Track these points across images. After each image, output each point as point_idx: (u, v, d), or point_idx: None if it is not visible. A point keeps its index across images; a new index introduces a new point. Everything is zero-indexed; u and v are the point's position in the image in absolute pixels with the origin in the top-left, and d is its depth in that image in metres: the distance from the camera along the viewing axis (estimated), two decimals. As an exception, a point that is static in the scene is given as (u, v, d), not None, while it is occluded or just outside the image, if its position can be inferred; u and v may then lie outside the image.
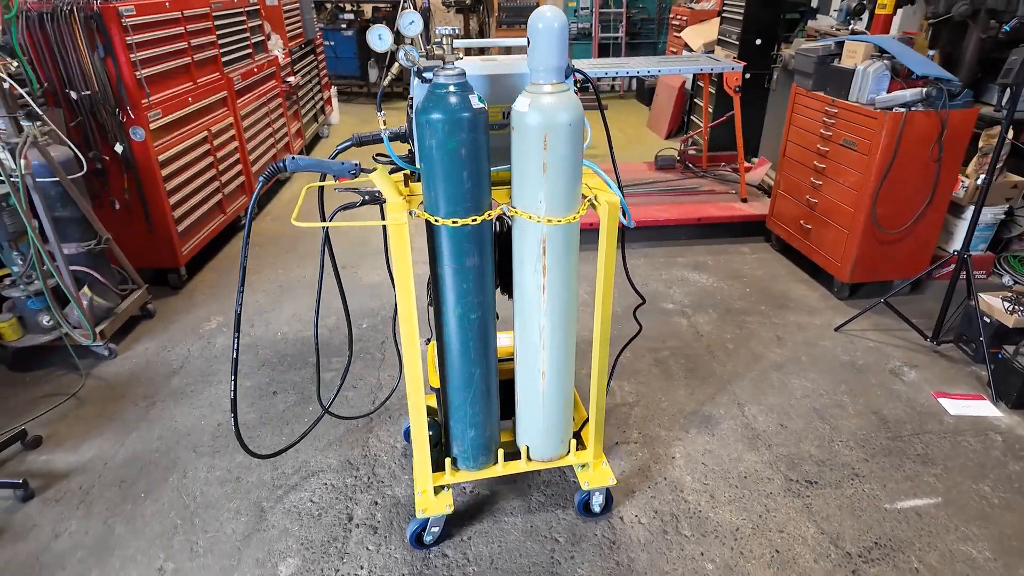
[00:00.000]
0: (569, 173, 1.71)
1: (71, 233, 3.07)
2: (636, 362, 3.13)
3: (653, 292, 3.78)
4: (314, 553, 2.13)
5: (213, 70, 4.23)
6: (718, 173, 5.12)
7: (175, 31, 3.70)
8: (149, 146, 3.44)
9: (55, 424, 2.74)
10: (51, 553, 2.14)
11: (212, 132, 4.13)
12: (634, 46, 9.11)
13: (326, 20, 8.76)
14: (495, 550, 2.14)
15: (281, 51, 5.60)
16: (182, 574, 2.06)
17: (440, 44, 1.64)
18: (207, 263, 4.18)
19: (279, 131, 5.45)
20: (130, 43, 3.26)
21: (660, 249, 4.34)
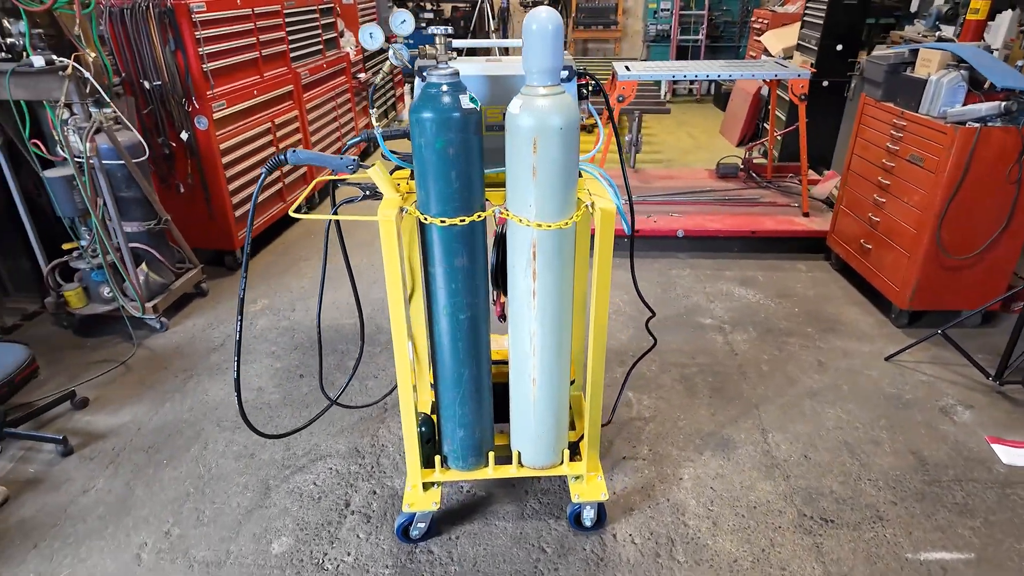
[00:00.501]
0: (560, 177, 1.67)
1: (133, 213, 3.31)
2: (660, 376, 3.02)
3: (692, 305, 3.64)
4: (307, 535, 2.20)
5: (281, 65, 4.44)
6: (783, 185, 4.86)
7: (243, 27, 3.91)
8: (212, 134, 3.66)
9: (103, 388, 2.96)
10: (77, 506, 2.32)
11: (276, 124, 4.34)
12: (714, 49, 8.80)
13: (407, 18, 8.99)
14: (480, 552, 2.13)
15: (353, 48, 5.81)
16: (185, 540, 2.18)
17: (433, 43, 1.64)
18: (264, 247, 4.40)
19: (346, 124, 5.66)
20: (198, 37, 3.48)
21: (708, 261, 4.17)
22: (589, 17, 9.16)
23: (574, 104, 1.67)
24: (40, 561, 2.11)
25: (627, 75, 4.09)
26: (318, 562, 2.10)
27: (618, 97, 4.13)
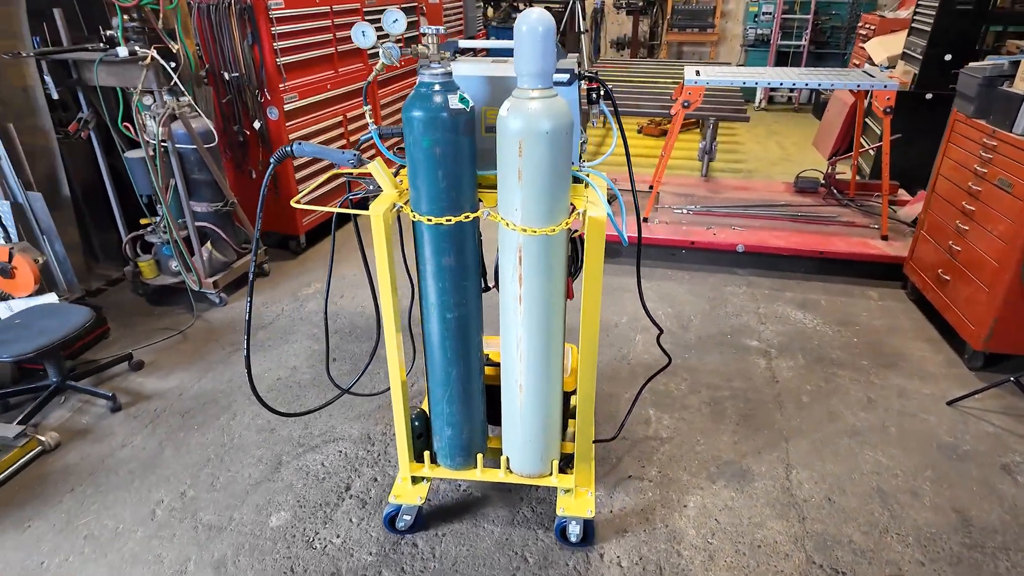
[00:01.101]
0: (547, 182, 1.63)
1: (203, 194, 3.57)
2: (687, 396, 2.89)
3: (740, 325, 3.44)
4: (304, 512, 2.29)
5: (357, 60, 4.63)
6: (866, 204, 4.49)
7: (320, 24, 4.11)
8: (282, 125, 3.88)
9: (159, 353, 3.22)
10: (114, 459, 2.54)
11: (348, 117, 4.53)
12: (818, 56, 8.26)
13: (499, 18, 9.11)
14: (462, 553, 2.13)
15: (434, 46, 5.94)
16: (196, 503, 2.33)
17: (426, 43, 1.65)
18: (327, 236, 4.61)
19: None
20: (274, 33, 3.70)
21: (769, 280, 3.93)
22: (685, 19, 8.87)
23: (567, 108, 1.63)
24: (73, 503, 2.32)
25: (695, 80, 3.93)
26: (308, 540, 2.18)
27: (683, 103, 3.98)
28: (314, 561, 2.10)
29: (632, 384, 2.96)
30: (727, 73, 4.03)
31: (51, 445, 2.57)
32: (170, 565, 2.08)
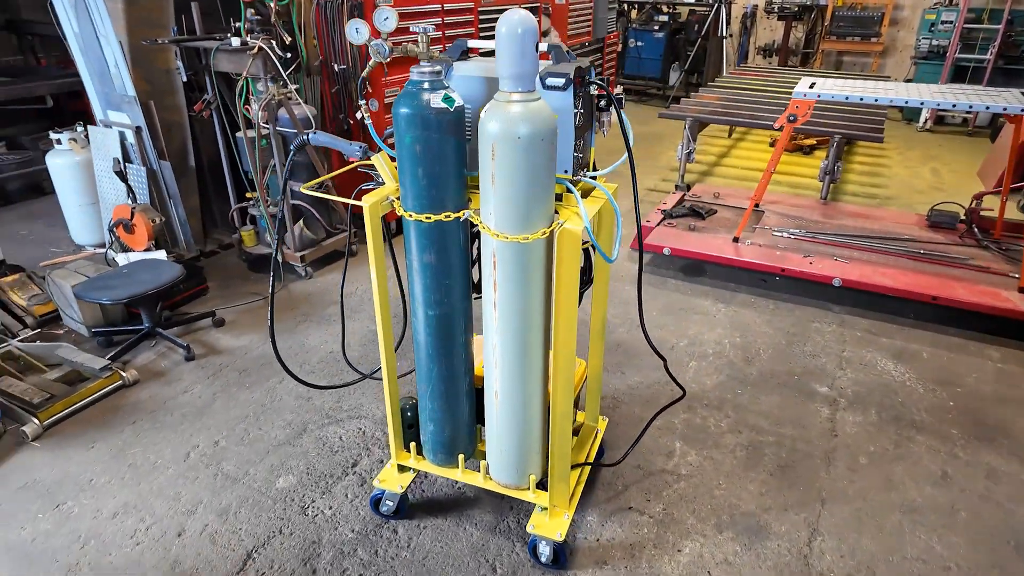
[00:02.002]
0: (522, 188, 1.59)
1: (300, 175, 3.88)
2: (724, 434, 2.66)
3: (814, 367, 3.09)
4: (309, 480, 2.43)
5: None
6: (1013, 248, 3.82)
7: (428, 22, 4.27)
8: (381, 117, 4.10)
9: (241, 314, 3.57)
10: (175, 402, 2.86)
11: (449, 112, 4.68)
12: (1007, 73, 7.12)
13: (640, 20, 8.89)
14: (436, 549, 2.14)
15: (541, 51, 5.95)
16: (224, 453, 2.56)
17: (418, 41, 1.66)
18: (419, 223, 4.80)
19: (532, 120, 5.85)
20: (380, 29, 3.91)
21: (866, 321, 3.49)
22: (847, 27, 8.06)
23: (548, 114, 1.57)
24: (131, 435, 2.66)
25: (804, 93, 3.57)
26: (304, 506, 2.31)
27: (789, 117, 3.64)
28: (301, 527, 2.22)
29: (669, 411, 2.78)
30: (845, 87, 3.62)
31: (130, 381, 2.95)
32: (184, 504, 2.31)
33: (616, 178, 5.31)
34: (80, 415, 2.76)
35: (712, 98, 5.57)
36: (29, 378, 2.85)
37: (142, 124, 3.76)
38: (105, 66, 3.71)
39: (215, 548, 2.14)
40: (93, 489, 2.38)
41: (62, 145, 4.02)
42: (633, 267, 4.17)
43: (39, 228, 4.72)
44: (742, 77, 6.60)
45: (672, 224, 4.26)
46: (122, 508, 2.29)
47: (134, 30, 3.56)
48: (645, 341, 3.27)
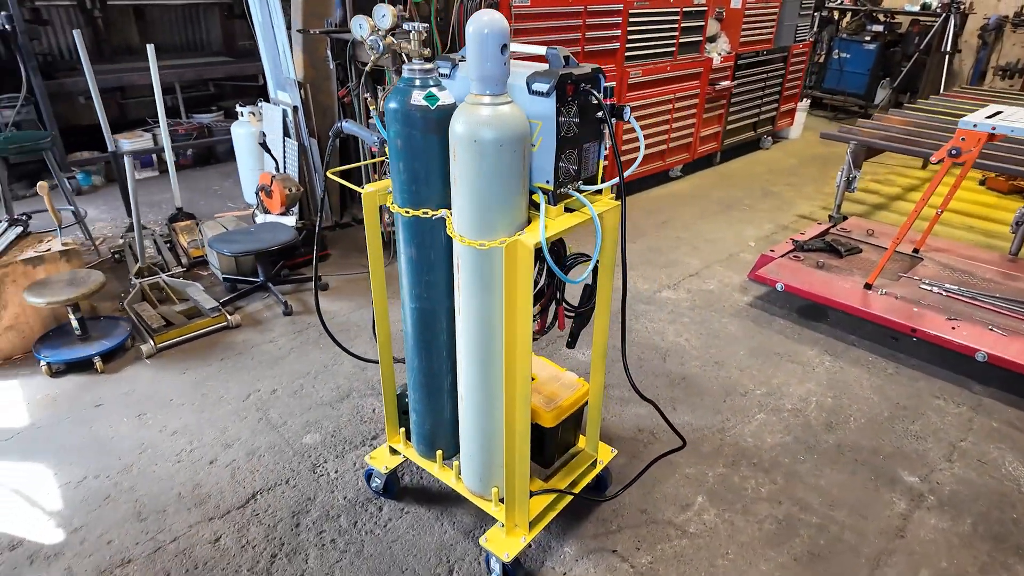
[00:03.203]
0: (481, 193, 1.55)
1: (420, 162, 4.12)
2: (758, 503, 2.33)
3: (912, 452, 2.58)
4: (330, 442, 2.61)
5: (608, 61, 4.66)
6: None
7: (568, 23, 4.26)
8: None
9: (346, 283, 3.91)
10: (259, 349, 3.25)
11: (582, 114, 4.63)
12: None
13: (850, 29, 7.92)
14: (407, 537, 2.19)
15: (720, 54, 5.57)
16: (275, 401, 2.85)
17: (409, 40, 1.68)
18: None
19: (683, 130, 5.55)
20: (514, 29, 3.99)
21: (1012, 411, 2.80)
22: None
23: (517, 119, 1.51)
24: (215, 369, 3.07)
25: (976, 123, 2.95)
26: (315, 465, 2.50)
27: (951, 150, 3.03)
28: (304, 482, 2.41)
29: (705, 461, 2.52)
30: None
31: (232, 324, 3.40)
32: (226, 437, 2.63)
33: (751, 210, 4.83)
34: (186, 344, 3.25)
35: (899, 121, 4.80)
36: (161, 307, 3.42)
37: (299, 104, 4.28)
38: (276, 51, 4.28)
39: (231, 482, 2.41)
40: (169, 408, 2.80)
41: (243, 117, 4.72)
42: (743, 298, 3.80)
43: (228, 186, 5.60)
44: (958, 100, 5.58)
45: (798, 257, 3.79)
46: (181, 429, 2.67)
47: (307, 19, 4.05)
48: (716, 381, 2.99)
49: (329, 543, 2.16)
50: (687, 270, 4.15)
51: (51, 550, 2.11)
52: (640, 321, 3.52)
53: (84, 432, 2.64)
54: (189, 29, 6.74)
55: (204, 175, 5.92)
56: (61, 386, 2.92)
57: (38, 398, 2.84)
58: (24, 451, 2.54)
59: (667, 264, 4.22)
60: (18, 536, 2.16)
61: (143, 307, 3.38)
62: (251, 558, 2.10)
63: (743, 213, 5.12)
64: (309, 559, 2.10)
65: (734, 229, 4.81)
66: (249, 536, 2.18)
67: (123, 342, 3.16)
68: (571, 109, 1.62)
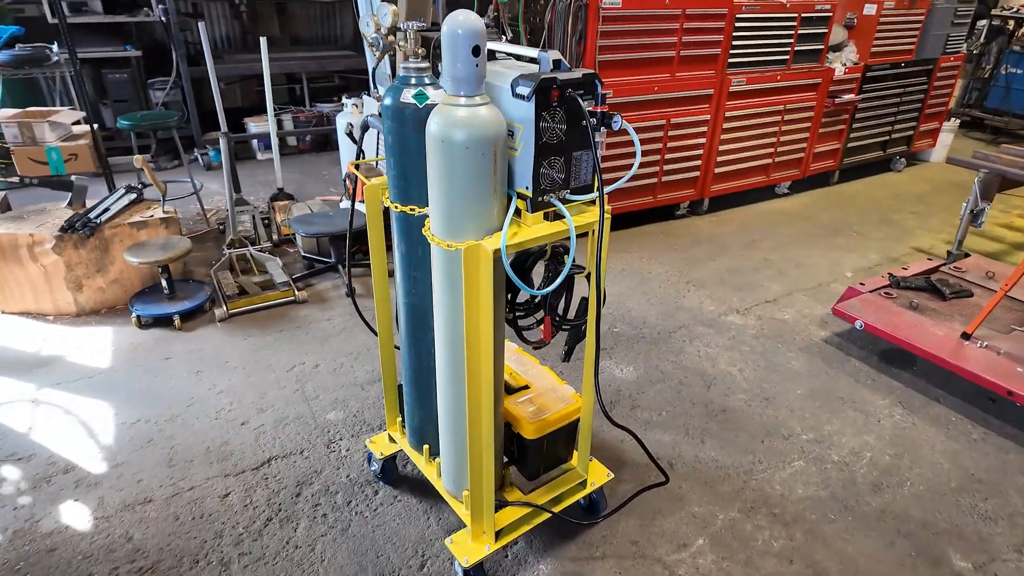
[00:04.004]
0: (448, 193, 1.55)
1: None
2: (765, 557, 2.12)
3: (969, 532, 2.22)
4: (351, 420, 2.73)
5: (707, 67, 4.42)
6: None
7: (662, 26, 4.09)
8: (586, 116, 4.12)
9: (409, 272, 4.05)
10: (316, 325, 3.45)
11: (672, 123, 4.44)
12: None
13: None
14: (391, 525, 2.23)
15: (844, 64, 5.08)
16: (315, 376, 3.02)
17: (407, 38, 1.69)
18: (616, 229, 4.70)
19: (793, 144, 5.14)
20: (600, 30, 3.91)
21: (1123, 507, 2.32)
22: None
23: (488, 122, 1.49)
24: (273, 339, 3.31)
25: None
26: (330, 440, 2.62)
27: (1082, 187, 2.55)
28: (315, 455, 2.53)
29: (719, 501, 2.33)
30: None
31: (299, 299, 3.65)
32: (262, 403, 2.82)
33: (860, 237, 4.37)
34: (254, 313, 3.53)
35: None
36: (242, 277, 3.74)
37: (391, 98, 4.48)
38: (377, 47, 4.51)
39: (254, 444, 2.59)
40: (223, 369, 3.06)
41: (347, 108, 5.02)
42: (819, 333, 3.46)
43: (335, 172, 5.99)
44: None
45: (890, 295, 3.38)
46: (227, 389, 2.91)
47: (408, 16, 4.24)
48: (760, 418, 2.76)
49: (320, 517, 2.26)
50: (764, 295, 3.84)
51: (93, 479, 2.40)
52: (694, 344, 3.32)
53: (149, 380, 2.96)
54: (325, 24, 7.27)
55: (318, 160, 6.38)
56: (144, 337, 3.30)
57: (123, 345, 3.23)
58: (100, 389, 2.90)
59: (743, 286, 3.94)
60: (74, 462, 2.48)
61: (225, 275, 3.72)
62: (249, 518, 2.25)
63: (849, 240, 4.65)
64: (298, 529, 2.21)
65: (832, 256, 4.38)
66: (254, 497, 2.33)
67: (202, 304, 3.50)
68: (556, 115, 1.57)
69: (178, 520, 2.23)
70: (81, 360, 3.10)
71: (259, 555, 2.11)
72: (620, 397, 2.90)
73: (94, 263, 3.42)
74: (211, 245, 4.33)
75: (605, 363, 3.14)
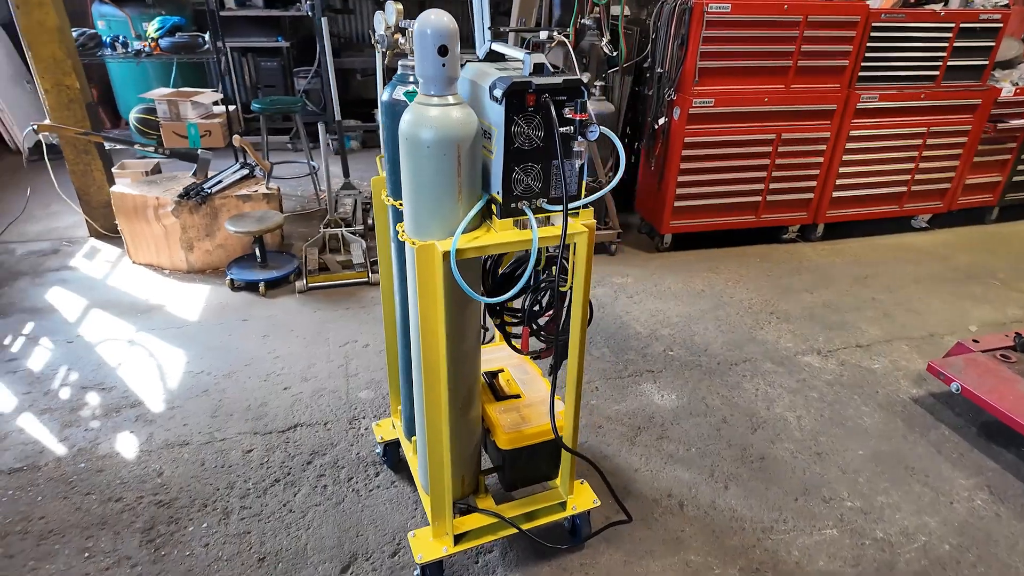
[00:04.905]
0: (414, 191, 1.56)
1: (581, 165, 4.09)
2: (751, 624, 1.90)
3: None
4: (379, 402, 2.83)
5: (830, 80, 4.00)
6: None
7: (776, 33, 3.76)
8: (681, 127, 3.92)
9: (482, 268, 4.11)
10: (378, 306, 3.62)
11: (782, 138, 4.08)
12: None
13: None
14: (379, 507, 2.29)
15: (1016, 84, 4.34)
16: (362, 354, 3.17)
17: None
18: (702, 246, 4.41)
19: (936, 172, 4.50)
20: (703, 35, 3.68)
21: None
22: None
23: (458, 123, 1.48)
24: (338, 316, 3.53)
25: None
26: (353, 418, 2.75)
27: None
28: (337, 429, 2.67)
29: (720, 554, 2.12)
30: None
31: (372, 281, 3.85)
32: (308, 372, 3.02)
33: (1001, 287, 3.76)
34: (330, 289, 3.79)
35: None
36: (328, 255, 4.02)
37: (491, 96, 4.56)
38: (484, 46, 4.61)
39: (288, 410, 2.79)
40: (287, 337, 3.32)
41: (455, 103, 5.19)
42: (911, 391, 3.02)
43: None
44: None
45: (1008, 357, 2.86)
46: (283, 355, 3.16)
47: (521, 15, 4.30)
48: (803, 474, 2.47)
49: (320, 488, 2.38)
50: (856, 338, 3.42)
51: (150, 416, 2.72)
52: (754, 381, 3.04)
53: (223, 338, 3.29)
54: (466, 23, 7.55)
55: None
56: (232, 299, 3.67)
57: (214, 303, 3.61)
58: (183, 339, 3.27)
59: (834, 325, 3.53)
60: (141, 399, 2.83)
61: (313, 251, 4.02)
62: (260, 476, 2.43)
63: (987, 289, 3.99)
64: (298, 495, 2.35)
65: (959, 306, 3.78)
66: (271, 458, 2.52)
67: (288, 275, 3.81)
68: (532, 120, 1.52)
69: (203, 466, 2.47)
70: (177, 312, 3.52)
71: (257, 511, 2.27)
72: (650, 424, 2.74)
73: (204, 228, 3.86)
74: (316, 223, 4.69)
75: (646, 386, 2.98)
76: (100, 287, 3.75)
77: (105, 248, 4.23)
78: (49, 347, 3.17)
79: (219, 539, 2.16)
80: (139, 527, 2.20)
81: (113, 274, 3.91)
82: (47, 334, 3.27)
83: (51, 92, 3.96)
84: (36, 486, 2.35)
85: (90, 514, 2.24)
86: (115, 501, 2.29)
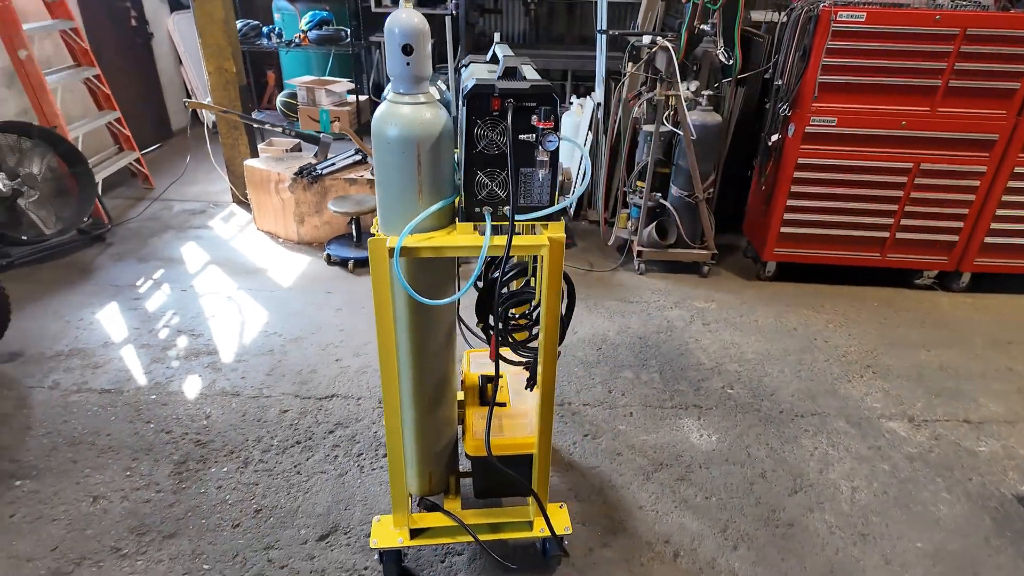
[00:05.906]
0: (380, 187, 1.59)
1: (679, 179, 3.87)
2: None
3: None
4: (411, 389, 2.93)
5: (992, 105, 3.38)
6: None
7: (918, 48, 3.24)
8: (796, 145, 3.55)
9: (561, 273, 4.06)
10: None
11: (922, 168, 3.53)
12: None
13: None
14: (373, 489, 2.38)
15: None
16: (415, 341, 3.30)
17: None
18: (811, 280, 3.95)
19: None
20: (829, 47, 3.29)
21: None
22: None
23: (410, 120, 1.48)
24: (408, 300, 3.69)
25: None
26: (359, 399, 2.86)
27: None
28: (366, 405, 2.80)
29: None
30: None
31: (449, 272, 3.96)
32: (361, 349, 3.20)
33: None
34: (409, 275, 3.96)
35: None
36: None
37: (601, 101, 4.46)
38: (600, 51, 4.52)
39: (331, 379, 2.98)
40: (357, 312, 3.53)
41: (572, 108, 5.15)
42: (1021, 487, 2.49)
43: (566, 166, 6.19)
44: None
45: None
46: (347, 329, 3.37)
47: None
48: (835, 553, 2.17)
49: (332, 458, 2.52)
50: (967, 412, 2.88)
51: (219, 365, 3.06)
52: (815, 439, 2.69)
53: (304, 305, 3.60)
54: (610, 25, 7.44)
55: (560, 153, 6.65)
56: (325, 272, 3.99)
57: (308, 274, 3.96)
58: (272, 302, 3.63)
59: (945, 392, 3.00)
60: (218, 349, 3.19)
61: (404, 237, 4.23)
62: (286, 436, 2.63)
63: None
64: (311, 459, 2.51)
65: None
66: (301, 422, 2.71)
67: (376, 257, 4.06)
68: (497, 125, 1.48)
69: (243, 416, 2.73)
70: (276, 277, 3.91)
71: (271, 467, 2.47)
72: (675, 462, 2.54)
73: (314, 205, 4.23)
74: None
75: (687, 421, 2.76)
76: (224, 247, 4.28)
77: (240, 213, 4.80)
78: (167, 292, 3.68)
79: (231, 484, 2.38)
80: (175, 459, 2.49)
81: (238, 237, 4.43)
82: (169, 281, 3.80)
83: (213, 74, 4.56)
84: (115, 407, 2.76)
85: (144, 440, 2.58)
86: (166, 432, 2.62)
